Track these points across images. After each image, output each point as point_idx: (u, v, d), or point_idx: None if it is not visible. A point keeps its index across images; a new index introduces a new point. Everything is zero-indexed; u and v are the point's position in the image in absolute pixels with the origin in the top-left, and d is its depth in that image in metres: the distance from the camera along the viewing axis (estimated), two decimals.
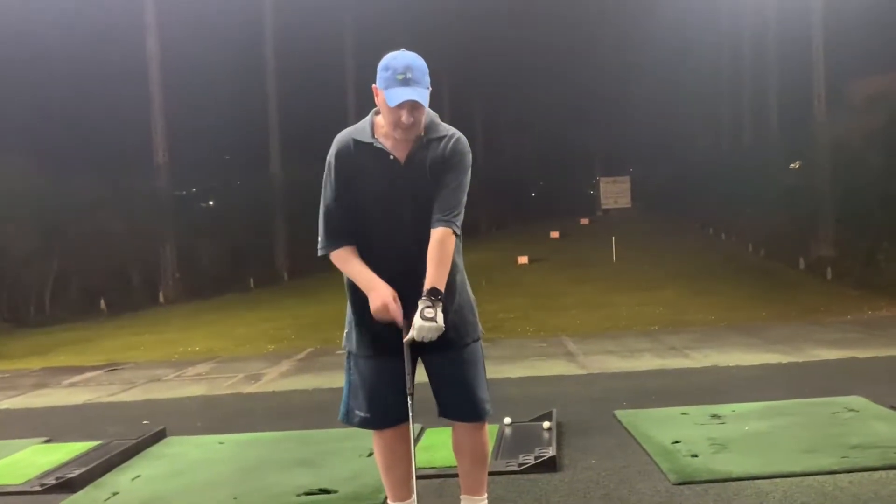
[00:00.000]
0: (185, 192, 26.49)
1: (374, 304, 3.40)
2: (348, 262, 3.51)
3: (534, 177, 57.33)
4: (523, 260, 22.77)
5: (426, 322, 3.27)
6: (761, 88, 26.46)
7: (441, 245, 3.40)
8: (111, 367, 10.80)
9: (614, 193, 48.51)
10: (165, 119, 21.64)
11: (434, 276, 3.36)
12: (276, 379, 9.19)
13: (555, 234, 30.36)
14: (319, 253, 3.59)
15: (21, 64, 22.91)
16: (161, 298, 20.51)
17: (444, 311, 3.35)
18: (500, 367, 8.56)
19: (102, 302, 18.83)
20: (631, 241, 24.93)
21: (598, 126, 55.47)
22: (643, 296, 15.13)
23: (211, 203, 27.70)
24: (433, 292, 3.33)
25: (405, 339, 3.39)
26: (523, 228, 37.76)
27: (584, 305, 14.51)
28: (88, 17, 22.66)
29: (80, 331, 15.52)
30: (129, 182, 21.04)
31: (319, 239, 3.58)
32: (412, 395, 3.47)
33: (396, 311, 3.40)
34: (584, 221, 38.83)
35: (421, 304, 3.32)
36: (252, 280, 22.48)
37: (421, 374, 3.57)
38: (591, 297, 15.63)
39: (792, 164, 23.45)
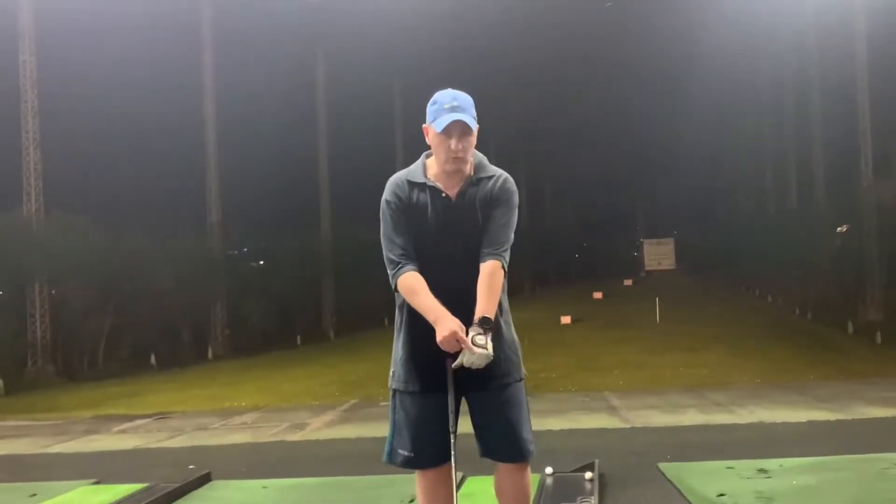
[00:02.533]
0: (236, 252, 27.07)
1: (442, 333, 3.41)
2: (417, 293, 3.54)
3: (578, 238, 57.33)
4: (566, 320, 22.67)
5: (477, 348, 3.34)
6: (806, 150, 26.34)
7: (491, 277, 3.49)
8: (160, 415, 11.01)
9: (658, 255, 48.28)
10: (220, 180, 22.28)
11: (484, 306, 3.43)
12: (320, 428, 9.28)
13: (598, 295, 30.21)
14: (392, 283, 3.60)
15: (82, 125, 23.85)
16: (210, 354, 20.84)
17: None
18: (542, 420, 8.50)
19: (153, 357, 19.18)
20: (675, 302, 24.71)
21: (643, 188, 55.59)
22: (687, 357, 14.92)
23: (261, 262, 28.23)
24: (484, 321, 3.39)
25: (453, 364, 3.42)
26: (567, 288, 37.69)
27: (627, 366, 14.36)
28: (148, 79, 23.62)
29: (130, 385, 15.81)
30: (183, 241, 21.62)
31: (388, 270, 3.62)
32: (455, 433, 3.51)
33: (465, 341, 3.41)
34: (628, 282, 38.62)
35: (472, 332, 3.37)
36: (299, 338, 22.76)
37: (464, 425, 3.59)
38: (634, 357, 15.46)
39: (839, 228, 23.19)
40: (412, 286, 3.54)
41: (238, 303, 22.50)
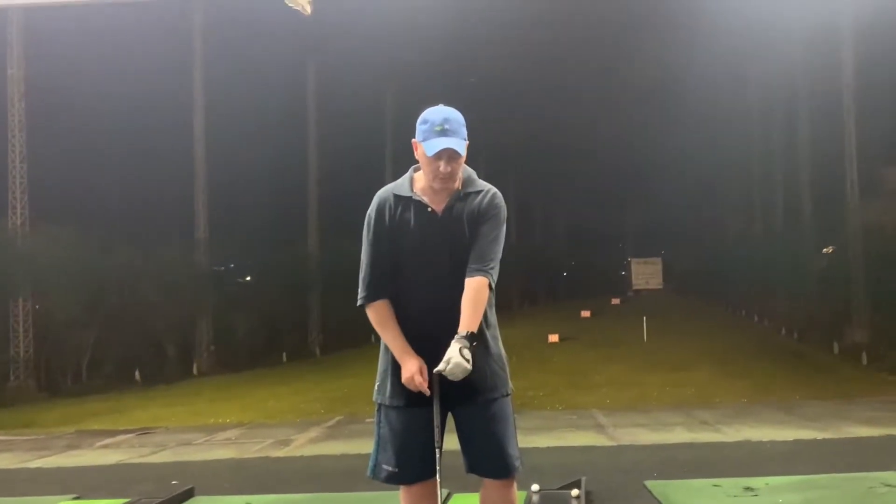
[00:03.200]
0: (223, 267, 26.96)
1: (404, 374, 3.48)
2: (384, 325, 3.58)
3: (566, 256, 57.48)
4: (554, 338, 22.64)
5: (461, 360, 3.30)
6: (793, 172, 26.55)
7: (476, 292, 3.47)
8: (143, 431, 10.90)
9: (646, 274, 48.48)
10: (208, 195, 22.21)
11: (469, 321, 3.41)
12: (304, 444, 9.22)
13: (586, 314, 30.21)
14: (359, 303, 3.65)
15: (69, 138, 23.78)
16: (195, 370, 20.70)
17: (475, 359, 3.38)
18: (529, 437, 8.46)
19: (137, 373, 19.02)
20: (662, 321, 24.71)
21: (630, 208, 55.88)
22: (674, 376, 14.93)
23: (248, 278, 28.13)
24: (470, 336, 3.38)
25: (434, 370, 3.38)
26: (554, 307, 37.70)
27: (614, 384, 14.36)
28: (137, 92, 23.59)
29: (113, 401, 15.67)
30: (169, 256, 21.51)
31: (359, 290, 3.64)
32: (441, 447, 3.49)
33: (422, 384, 3.46)
34: (616, 301, 38.68)
35: (458, 343, 3.35)
36: (285, 354, 22.64)
37: (451, 441, 3.58)
38: (622, 376, 15.47)
39: (825, 249, 23.35)
40: (380, 319, 3.59)
41: (224, 318, 22.37)
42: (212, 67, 22.36)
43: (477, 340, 3.40)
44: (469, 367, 3.34)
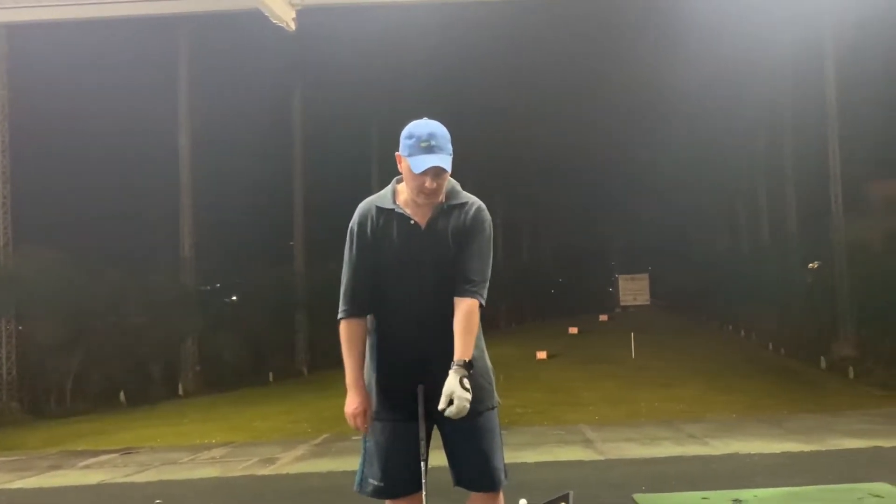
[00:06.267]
0: (208, 287, 26.82)
1: (347, 408, 3.53)
2: (350, 347, 3.58)
3: (553, 273, 57.54)
4: (542, 355, 22.63)
5: (463, 393, 3.27)
6: (778, 188, 26.75)
7: (468, 317, 3.43)
8: (127, 450, 10.77)
9: (633, 291, 48.62)
10: (193, 214, 22.12)
11: (464, 348, 3.37)
12: (290, 462, 9.11)
13: (573, 330, 30.24)
14: (339, 317, 3.62)
15: (52, 158, 23.67)
16: (180, 391, 20.51)
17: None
18: (516, 452, 8.42)
19: (122, 394, 18.83)
20: (650, 337, 24.78)
21: (617, 225, 56.08)
22: (663, 392, 14.92)
23: (234, 298, 27.99)
24: (467, 365, 3.34)
25: (446, 412, 3.30)
26: (542, 324, 37.74)
27: (603, 401, 14.32)
28: (123, 116, 23.53)
29: (98, 423, 15.49)
30: (154, 276, 21.38)
31: (341, 303, 3.62)
32: (426, 461, 3.46)
33: (361, 426, 3.53)
34: (604, 318, 38.76)
35: (458, 374, 3.31)
36: (271, 374, 22.47)
37: (440, 458, 3.56)
38: (611, 393, 15.44)
39: (811, 264, 23.48)
40: (349, 338, 3.61)
41: (210, 338, 22.21)
42: (197, 87, 22.32)
43: (473, 368, 3.37)
44: (469, 400, 3.31)
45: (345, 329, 3.60)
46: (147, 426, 14.34)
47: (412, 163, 3.41)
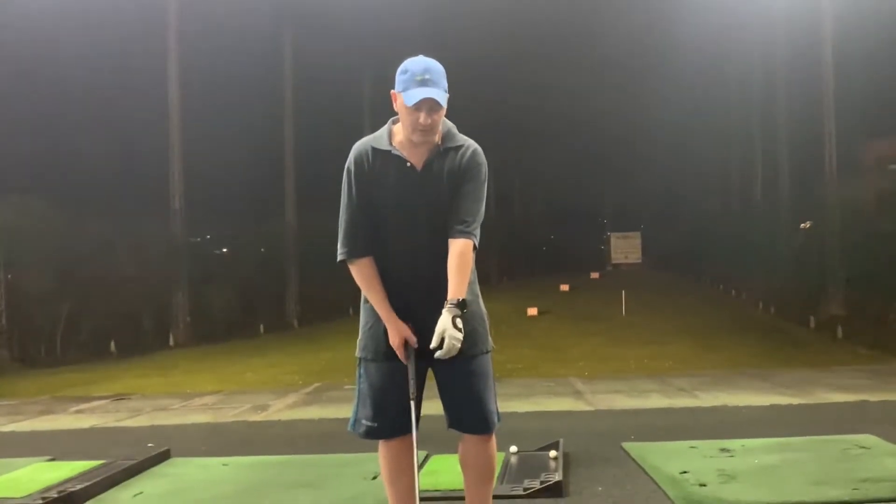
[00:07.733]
0: (199, 239, 26.72)
1: (392, 340, 3.49)
2: (370, 285, 3.54)
3: (545, 230, 57.52)
4: (533, 312, 22.66)
5: (455, 333, 3.26)
6: (772, 148, 26.70)
7: (462, 256, 3.41)
8: (118, 397, 10.81)
9: (625, 249, 48.70)
10: (183, 166, 21.91)
11: (457, 287, 3.36)
12: (282, 410, 9.17)
13: (565, 287, 30.19)
14: (339, 258, 3.59)
15: (42, 107, 23.39)
16: (171, 342, 20.55)
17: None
18: (507, 402, 8.48)
19: (113, 344, 18.85)
20: (641, 295, 24.83)
21: (610, 183, 55.89)
22: (652, 349, 15.00)
23: (224, 250, 27.91)
24: (460, 304, 3.33)
25: (436, 354, 3.30)
26: (533, 281, 37.70)
27: (593, 357, 14.40)
28: (111, 64, 23.22)
29: (89, 372, 15.49)
30: (145, 227, 21.25)
31: (339, 244, 3.58)
32: (416, 399, 3.47)
33: (404, 357, 3.48)
34: (595, 275, 38.72)
35: (451, 313, 3.29)
36: (262, 326, 22.51)
37: (428, 407, 3.57)
38: (600, 349, 15.52)
39: (802, 224, 23.53)
40: (365, 277, 3.55)
41: (200, 290, 22.18)
42: (187, 38, 21.94)
43: (466, 307, 3.36)
44: (461, 340, 3.30)
45: (356, 270, 3.57)
46: (138, 376, 14.38)
47: (406, 96, 3.36)
